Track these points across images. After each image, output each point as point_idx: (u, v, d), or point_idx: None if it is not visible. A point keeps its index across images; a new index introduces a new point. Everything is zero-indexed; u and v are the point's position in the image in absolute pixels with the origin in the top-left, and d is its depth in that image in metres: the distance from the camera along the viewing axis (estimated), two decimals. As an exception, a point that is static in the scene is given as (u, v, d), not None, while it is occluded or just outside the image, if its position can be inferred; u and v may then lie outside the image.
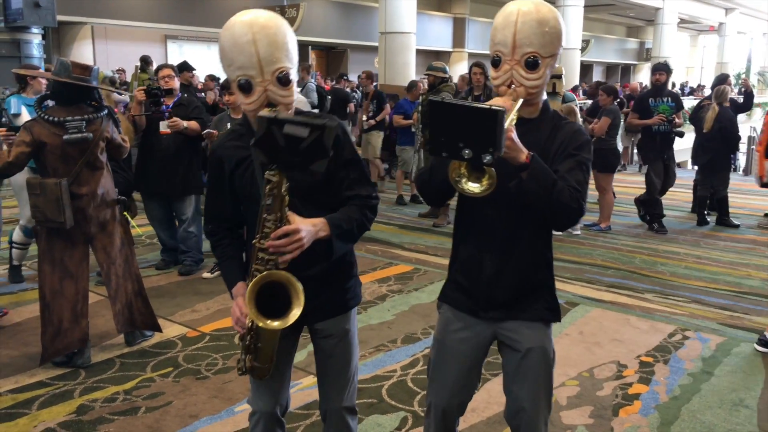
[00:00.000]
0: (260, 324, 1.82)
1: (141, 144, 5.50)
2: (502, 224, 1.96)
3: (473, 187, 1.72)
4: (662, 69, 7.34)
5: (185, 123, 5.21)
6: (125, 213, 3.98)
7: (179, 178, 5.34)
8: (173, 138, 5.27)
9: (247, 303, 1.81)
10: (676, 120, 7.12)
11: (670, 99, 7.18)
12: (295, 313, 1.81)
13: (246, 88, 1.87)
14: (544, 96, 2.01)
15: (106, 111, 3.71)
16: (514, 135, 1.76)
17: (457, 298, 2.10)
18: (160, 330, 4.09)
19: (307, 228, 1.84)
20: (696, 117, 7.83)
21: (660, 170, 7.25)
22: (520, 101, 1.88)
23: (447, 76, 7.59)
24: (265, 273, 1.83)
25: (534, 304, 2.03)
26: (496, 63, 1.94)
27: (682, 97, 12.61)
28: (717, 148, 7.50)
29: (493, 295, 2.01)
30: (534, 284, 2.03)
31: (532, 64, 1.88)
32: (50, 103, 3.69)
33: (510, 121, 1.77)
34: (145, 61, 10.66)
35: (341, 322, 2.15)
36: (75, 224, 3.55)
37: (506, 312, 2.03)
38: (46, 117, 3.48)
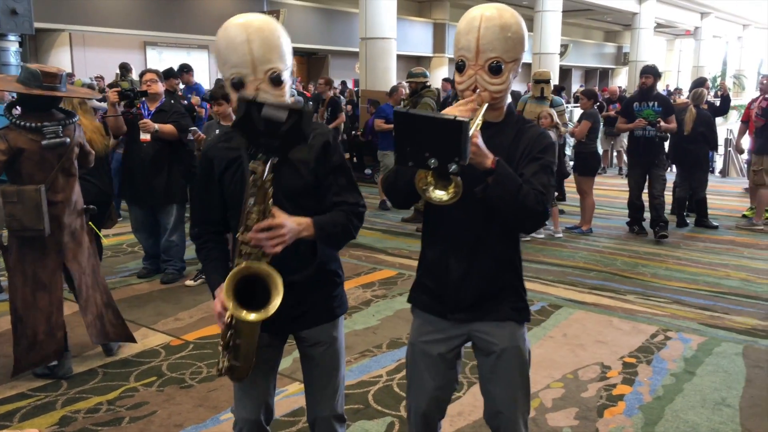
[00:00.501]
0: (238, 315, 1.78)
1: (125, 151, 5.46)
2: (468, 227, 1.98)
3: (440, 195, 1.74)
4: (649, 72, 7.06)
5: (156, 125, 5.10)
6: (89, 223, 3.91)
7: (161, 187, 5.28)
8: (152, 146, 5.20)
9: (224, 293, 1.77)
10: (661, 124, 6.82)
11: (656, 103, 6.96)
12: (275, 304, 1.77)
13: (238, 86, 1.89)
14: (509, 99, 2.04)
15: (77, 117, 3.67)
16: (480, 140, 1.77)
17: (424, 301, 2.12)
18: (134, 340, 4.04)
19: (291, 225, 1.84)
20: (676, 119, 7.90)
21: (638, 176, 7.16)
22: (485, 106, 1.91)
23: (428, 81, 7.62)
24: (244, 264, 1.80)
25: (500, 306, 2.04)
26: (460, 68, 1.97)
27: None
28: (697, 150, 7.57)
29: (460, 297, 2.03)
30: (500, 286, 2.05)
31: (495, 69, 1.91)
32: (18, 110, 3.63)
33: (476, 126, 1.79)
34: (125, 68, 10.53)
35: (329, 329, 2.14)
36: (51, 234, 3.47)
37: (473, 314, 2.04)
38: (22, 123, 3.39)
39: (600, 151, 8.03)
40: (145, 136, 5.19)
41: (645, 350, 4.12)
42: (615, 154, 13.02)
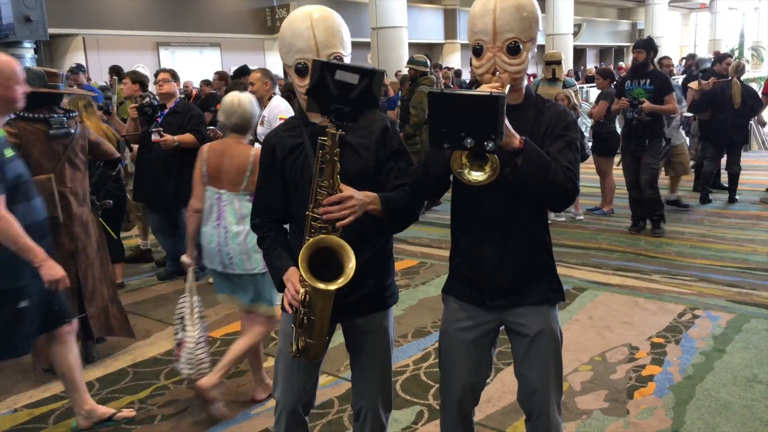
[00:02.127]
0: (312, 284, 1.80)
1: (137, 155, 5.48)
2: (499, 212, 1.98)
3: (477, 176, 1.73)
4: (640, 46, 6.14)
5: (176, 138, 5.02)
6: (99, 219, 3.98)
7: (171, 191, 5.18)
8: (160, 148, 5.08)
9: (300, 265, 1.80)
10: (645, 105, 5.93)
11: (648, 81, 6.04)
12: (348, 274, 1.80)
13: (303, 71, 1.98)
14: (526, 82, 2.04)
15: (76, 113, 3.82)
16: (506, 121, 1.76)
17: (462, 290, 2.11)
18: (134, 336, 4.04)
19: (359, 197, 1.87)
20: (720, 95, 7.41)
21: (628, 163, 6.38)
22: (508, 87, 1.90)
23: (427, 70, 7.59)
24: (318, 237, 1.84)
25: (537, 287, 2.05)
26: (477, 52, 1.97)
27: (678, 76, 12.43)
28: (745, 125, 7.34)
29: (497, 284, 2.02)
30: (535, 268, 2.05)
31: (513, 50, 1.91)
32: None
33: None
34: (117, 71, 10.30)
35: (380, 318, 2.17)
36: (63, 223, 3.55)
37: (511, 299, 2.04)
38: (28, 114, 3.49)
39: (618, 130, 7.84)
40: (156, 138, 5.08)
41: (673, 330, 4.09)
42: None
